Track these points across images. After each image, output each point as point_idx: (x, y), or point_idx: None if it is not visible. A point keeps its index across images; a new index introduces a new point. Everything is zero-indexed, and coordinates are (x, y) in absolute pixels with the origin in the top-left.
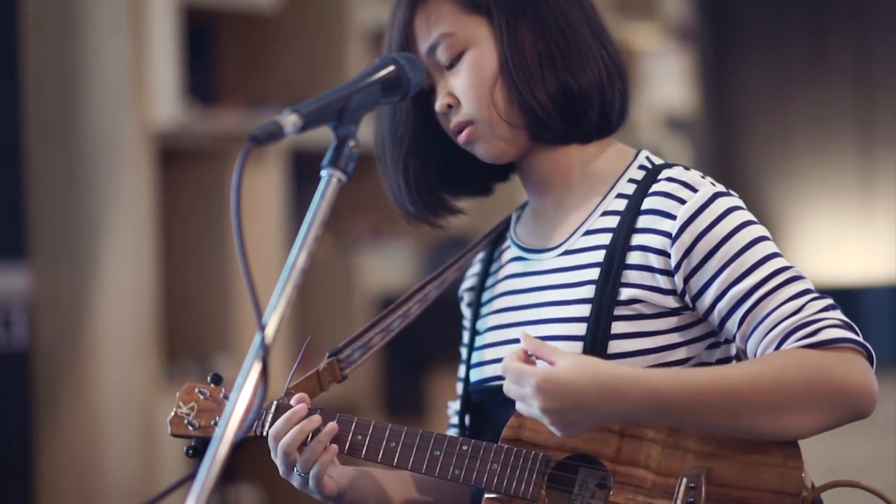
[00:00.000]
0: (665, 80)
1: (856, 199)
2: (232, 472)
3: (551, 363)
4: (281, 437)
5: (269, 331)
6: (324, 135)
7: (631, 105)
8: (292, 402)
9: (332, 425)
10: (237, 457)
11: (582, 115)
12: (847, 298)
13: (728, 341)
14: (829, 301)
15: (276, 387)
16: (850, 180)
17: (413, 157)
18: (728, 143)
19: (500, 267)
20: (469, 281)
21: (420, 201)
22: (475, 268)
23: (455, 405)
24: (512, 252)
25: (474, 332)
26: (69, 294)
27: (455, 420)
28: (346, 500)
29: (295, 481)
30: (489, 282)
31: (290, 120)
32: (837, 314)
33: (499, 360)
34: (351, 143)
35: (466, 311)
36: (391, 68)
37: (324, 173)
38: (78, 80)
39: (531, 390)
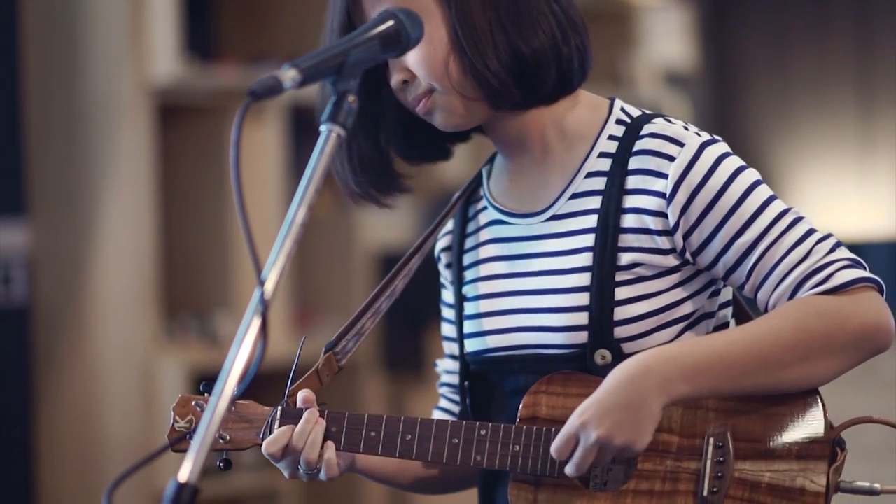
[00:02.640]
0: (665, 36)
1: (855, 156)
2: None
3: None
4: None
5: (269, 286)
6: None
7: (590, 57)
8: (298, 400)
9: (320, 421)
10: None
11: (538, 79)
12: None
13: (727, 286)
14: (834, 240)
15: (276, 342)
16: (849, 136)
17: (358, 136)
18: (728, 100)
19: (479, 228)
20: (444, 240)
21: (365, 180)
22: (447, 226)
23: (444, 364)
24: (490, 214)
25: (462, 297)
26: (69, 250)
27: (447, 379)
28: (357, 467)
29: (304, 478)
30: (468, 243)
31: (288, 75)
32: (844, 252)
33: (497, 332)
34: (350, 98)
35: (445, 272)
36: (390, 23)
37: (323, 128)
38: (77, 36)
39: (581, 434)
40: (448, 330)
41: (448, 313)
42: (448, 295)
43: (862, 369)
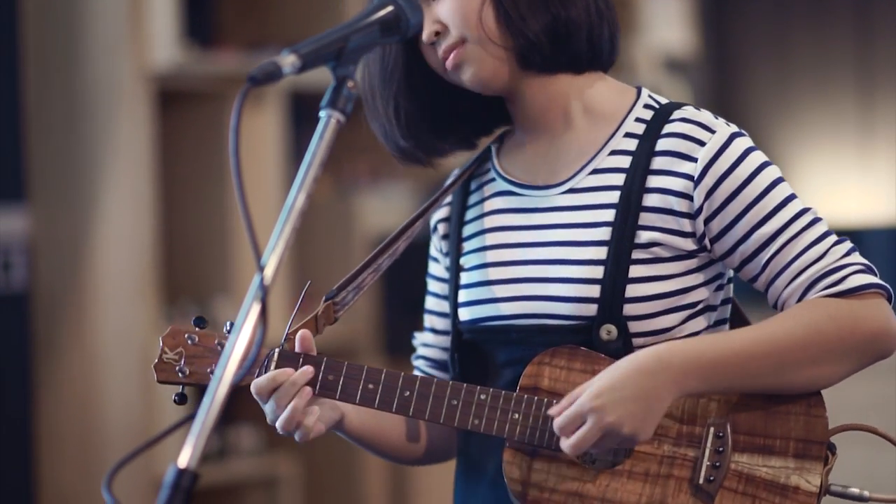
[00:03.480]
0: (664, 22)
1: (855, 142)
2: (231, 413)
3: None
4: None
5: (268, 272)
6: (323, 76)
7: (618, 49)
8: (296, 340)
9: (307, 368)
10: (236, 398)
11: (571, 40)
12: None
13: (730, 281)
14: (850, 244)
15: (275, 327)
16: (849, 122)
17: (403, 97)
18: (728, 86)
19: (484, 199)
20: (442, 211)
21: (411, 138)
22: (447, 198)
23: (423, 337)
24: (498, 185)
25: (458, 267)
26: (68, 236)
27: (424, 352)
28: (344, 428)
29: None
30: (470, 214)
31: (288, 60)
32: (858, 258)
33: (504, 300)
34: (350, 84)
35: (440, 243)
36: (390, 8)
37: (322, 114)
38: (76, 22)
39: (591, 416)
40: (432, 303)
41: (435, 286)
42: (437, 267)
43: None
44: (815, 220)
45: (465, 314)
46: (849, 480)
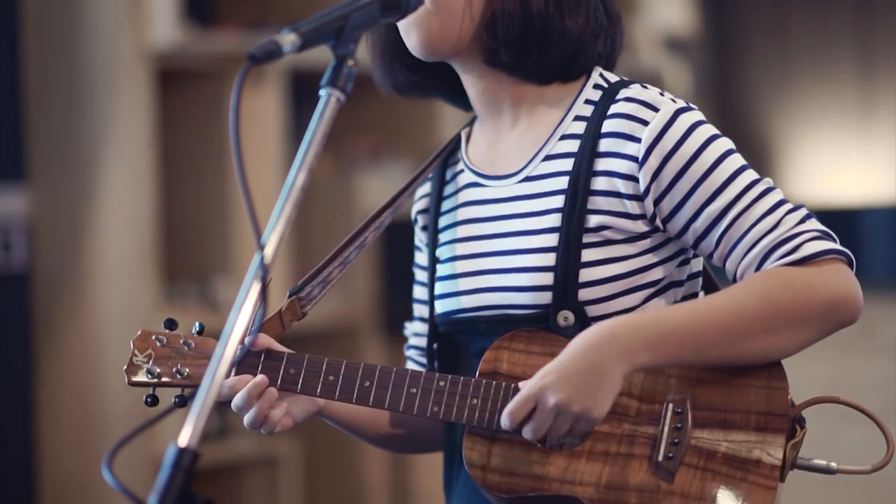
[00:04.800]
0: (664, 2)
1: (855, 121)
2: None
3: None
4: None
5: (269, 251)
6: (323, 55)
7: (616, 55)
8: (258, 342)
9: (260, 377)
10: None
11: (549, 54)
12: (846, 220)
13: (696, 256)
14: (805, 211)
15: (275, 306)
16: (850, 102)
17: (385, 28)
18: (728, 65)
19: (457, 191)
20: (421, 202)
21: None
22: (425, 188)
23: (413, 326)
24: (467, 177)
25: (434, 259)
26: (68, 216)
27: (414, 342)
28: (326, 414)
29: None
30: (445, 206)
31: (288, 39)
32: (814, 224)
33: (468, 292)
34: (350, 63)
35: (421, 234)
36: None
37: (322, 93)
38: (76, 1)
39: (540, 397)
40: (419, 292)
41: (420, 275)
42: (422, 257)
43: (862, 334)
44: (768, 190)
45: (438, 307)
46: (820, 454)
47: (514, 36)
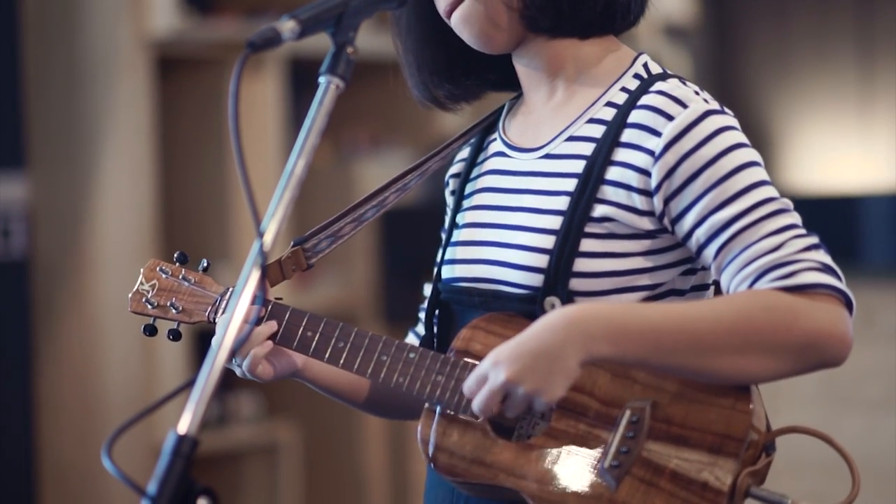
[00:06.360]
0: None
1: (855, 109)
2: (231, 379)
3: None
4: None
5: (268, 238)
6: (322, 42)
7: (640, 12)
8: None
9: (270, 323)
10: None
11: (584, 6)
12: (846, 207)
13: (704, 268)
14: (814, 240)
15: (274, 293)
16: (849, 89)
17: (419, 47)
18: (728, 52)
19: (486, 159)
20: (456, 167)
21: (435, 86)
22: (464, 153)
23: (427, 290)
24: (497, 146)
25: (453, 224)
26: (68, 203)
27: (424, 305)
28: (306, 376)
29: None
30: (474, 172)
31: (287, 26)
32: (819, 255)
33: (468, 261)
34: (349, 50)
35: (449, 199)
36: None
37: (322, 80)
38: None
39: (491, 373)
40: (440, 256)
41: (442, 239)
42: (447, 221)
43: (861, 322)
44: (781, 211)
45: (444, 272)
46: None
47: None
